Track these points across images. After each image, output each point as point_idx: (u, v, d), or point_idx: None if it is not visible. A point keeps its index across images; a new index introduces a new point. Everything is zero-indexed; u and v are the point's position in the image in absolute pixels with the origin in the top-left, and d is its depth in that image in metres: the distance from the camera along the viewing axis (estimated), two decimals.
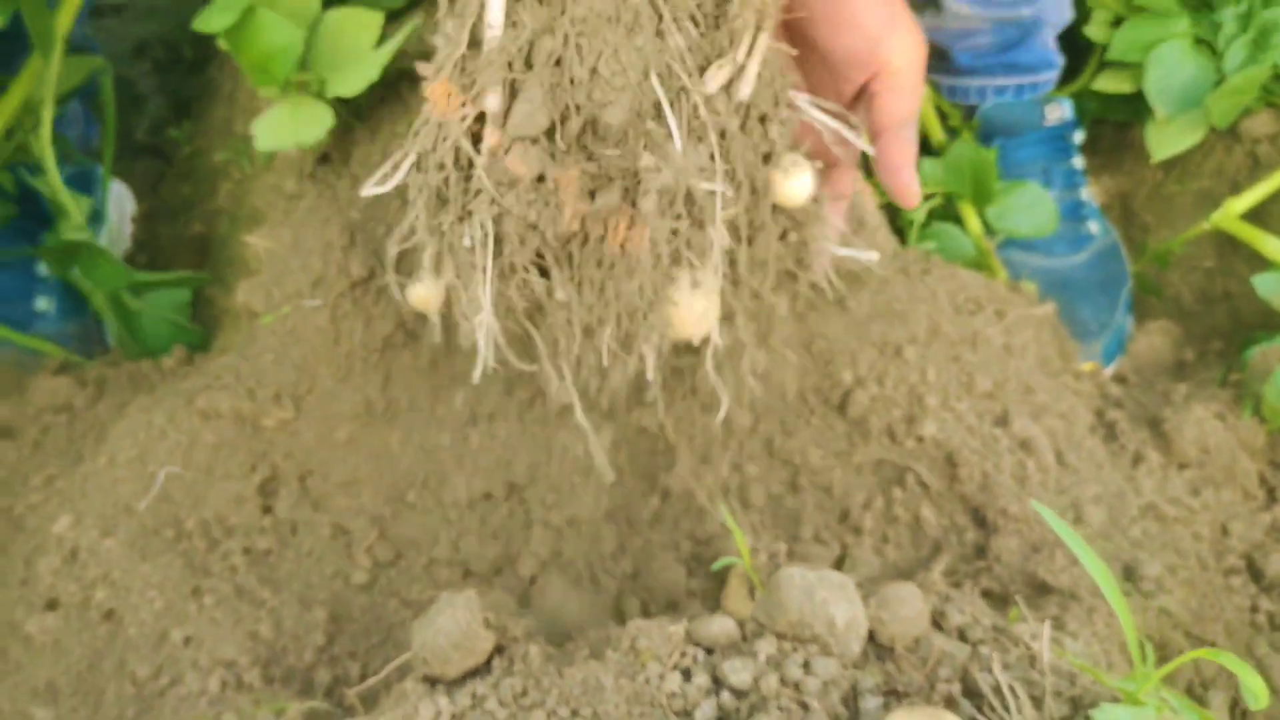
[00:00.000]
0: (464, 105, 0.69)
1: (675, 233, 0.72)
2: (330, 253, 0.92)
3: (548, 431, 0.96)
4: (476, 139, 0.70)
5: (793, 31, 0.77)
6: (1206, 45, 1.25)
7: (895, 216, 1.20)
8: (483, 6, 0.69)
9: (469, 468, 0.96)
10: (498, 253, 0.70)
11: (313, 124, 0.97)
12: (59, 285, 1.18)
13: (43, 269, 1.17)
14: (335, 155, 1.00)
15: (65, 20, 0.98)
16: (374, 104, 0.99)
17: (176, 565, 0.83)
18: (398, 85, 1.00)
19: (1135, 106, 1.31)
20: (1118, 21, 1.31)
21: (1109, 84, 1.32)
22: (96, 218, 1.20)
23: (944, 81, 1.29)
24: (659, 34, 0.70)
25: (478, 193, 0.69)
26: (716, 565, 0.71)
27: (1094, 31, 1.33)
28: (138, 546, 0.83)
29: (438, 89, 0.69)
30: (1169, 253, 1.29)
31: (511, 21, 0.69)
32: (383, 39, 0.99)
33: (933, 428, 0.98)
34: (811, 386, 1.02)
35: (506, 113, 0.68)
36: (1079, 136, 1.32)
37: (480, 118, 0.70)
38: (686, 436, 0.98)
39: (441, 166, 0.70)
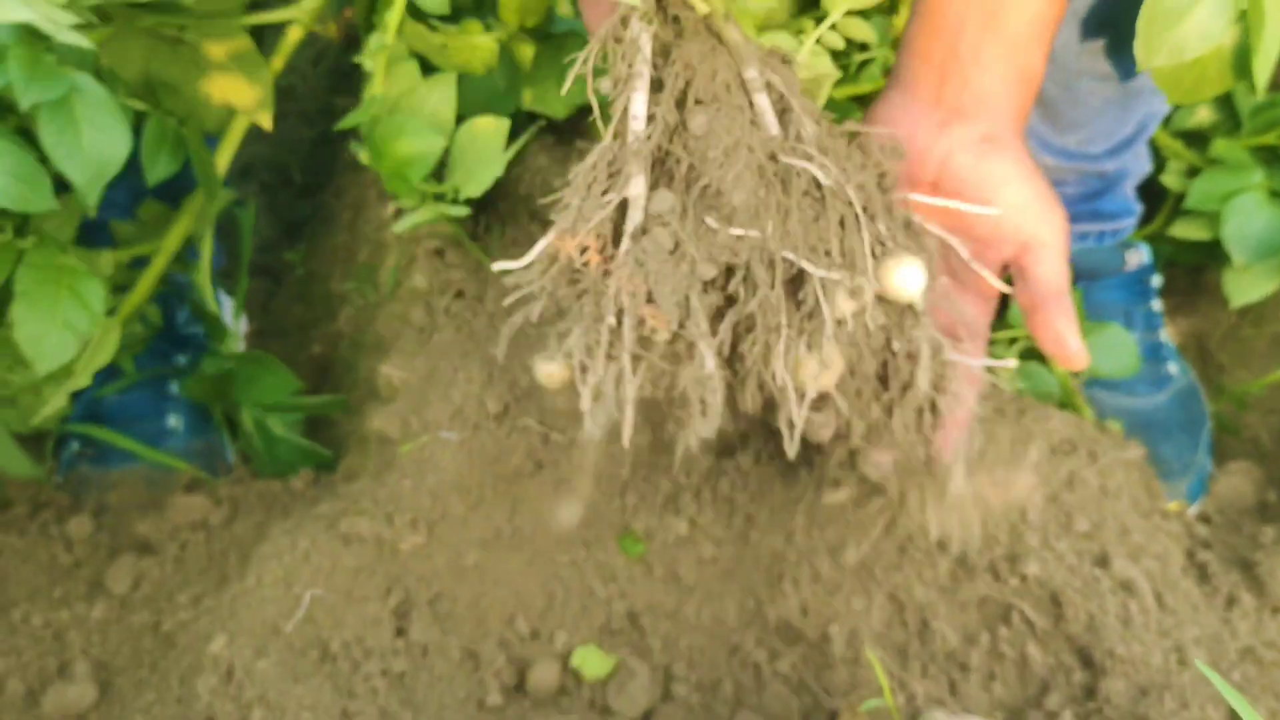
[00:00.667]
0: (607, 194, 0.74)
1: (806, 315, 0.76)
2: (469, 387, 0.97)
3: (663, 562, 1.00)
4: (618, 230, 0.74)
5: (941, 209, 0.79)
6: None
7: None
8: (628, 101, 0.75)
9: (589, 595, 0.99)
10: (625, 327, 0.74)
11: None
12: (186, 403, 1.23)
13: (173, 387, 1.23)
14: (469, 292, 1.06)
15: (224, 161, 1.05)
16: (506, 245, 1.05)
17: (326, 687, 0.86)
18: (529, 228, 1.06)
19: (1209, 251, 1.36)
20: (1192, 171, 1.38)
21: (1186, 231, 1.37)
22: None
23: None
24: (783, 126, 0.76)
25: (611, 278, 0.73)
26: (865, 706, 0.74)
27: (1169, 180, 1.39)
28: (289, 667, 0.86)
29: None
30: (1247, 395, 1.33)
31: (652, 116, 0.75)
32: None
33: (1035, 567, 1.01)
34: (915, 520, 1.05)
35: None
36: (1157, 280, 1.37)
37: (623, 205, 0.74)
38: (796, 567, 1.01)
39: (584, 249, 0.74)
